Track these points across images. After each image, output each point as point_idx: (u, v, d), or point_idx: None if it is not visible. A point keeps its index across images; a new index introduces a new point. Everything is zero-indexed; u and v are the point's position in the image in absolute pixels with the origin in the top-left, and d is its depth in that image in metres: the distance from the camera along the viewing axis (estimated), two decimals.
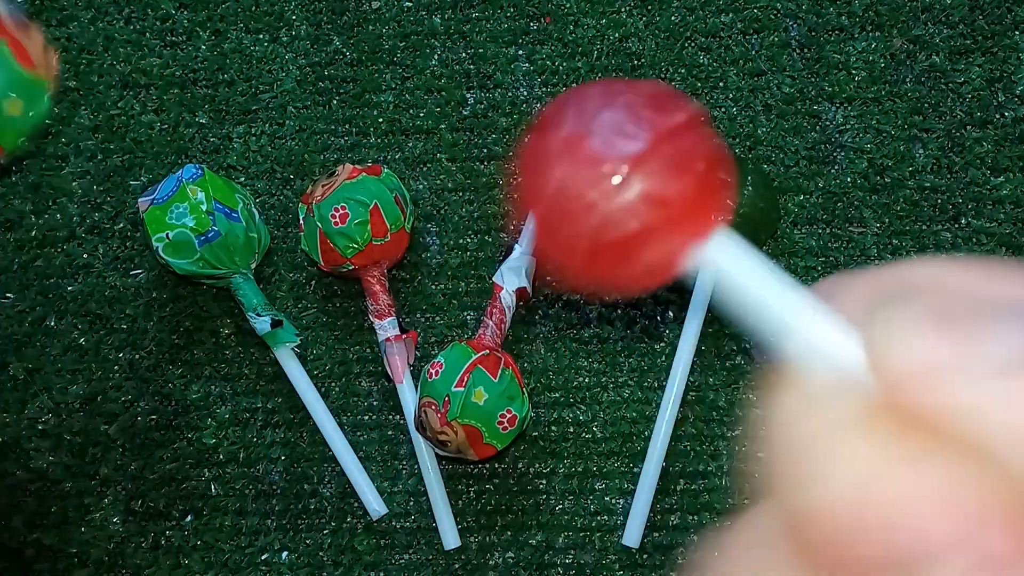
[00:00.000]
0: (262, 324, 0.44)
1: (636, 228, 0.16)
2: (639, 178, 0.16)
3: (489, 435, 0.40)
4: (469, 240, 0.47)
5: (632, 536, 0.42)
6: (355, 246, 0.43)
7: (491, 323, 0.44)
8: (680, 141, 0.17)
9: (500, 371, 0.41)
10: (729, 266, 0.17)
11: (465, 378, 0.40)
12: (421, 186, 0.48)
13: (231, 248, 0.43)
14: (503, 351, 0.43)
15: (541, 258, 0.18)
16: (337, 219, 0.43)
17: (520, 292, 0.44)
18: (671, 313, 0.46)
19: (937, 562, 0.12)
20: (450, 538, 0.43)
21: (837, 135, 0.48)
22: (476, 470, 0.44)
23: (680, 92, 0.18)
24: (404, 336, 0.44)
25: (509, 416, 0.40)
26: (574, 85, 0.49)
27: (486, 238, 0.47)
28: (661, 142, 0.17)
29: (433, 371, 0.41)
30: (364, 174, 0.44)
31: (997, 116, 0.48)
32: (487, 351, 0.42)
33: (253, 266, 0.45)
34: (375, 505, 0.43)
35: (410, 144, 0.49)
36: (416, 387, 0.43)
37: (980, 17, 0.49)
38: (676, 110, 0.17)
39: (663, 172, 0.16)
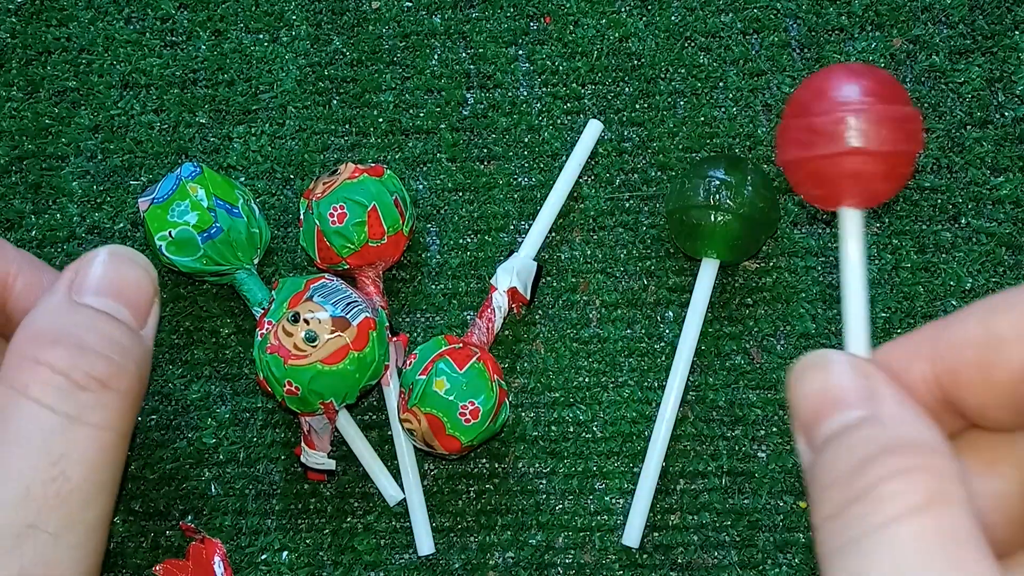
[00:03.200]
0: None
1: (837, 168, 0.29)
2: (860, 137, 0.28)
3: (452, 426, 0.40)
4: (469, 240, 0.47)
5: (632, 536, 0.42)
6: (351, 246, 0.43)
7: (480, 322, 0.44)
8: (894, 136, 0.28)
9: (469, 364, 0.41)
10: (845, 232, 0.29)
11: (429, 367, 0.40)
12: (421, 186, 0.48)
13: (234, 244, 0.43)
14: (486, 351, 0.42)
15: (783, 155, 0.31)
16: (335, 218, 0.43)
17: (512, 292, 0.44)
18: (671, 313, 0.46)
19: None
20: (424, 544, 0.43)
21: None
22: (476, 470, 0.44)
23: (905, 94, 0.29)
24: (395, 339, 0.44)
25: (471, 408, 0.40)
26: (573, 85, 0.49)
27: (486, 238, 0.47)
28: (879, 157, 0.28)
29: (408, 361, 0.42)
30: (366, 175, 0.44)
31: (997, 116, 0.48)
32: (460, 344, 0.42)
33: (256, 261, 0.45)
34: (391, 491, 0.43)
35: (410, 144, 0.49)
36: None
37: (980, 17, 0.49)
38: (906, 141, 0.29)
39: (877, 146, 0.28)
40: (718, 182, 0.43)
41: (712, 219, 0.43)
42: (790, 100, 0.31)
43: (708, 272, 0.44)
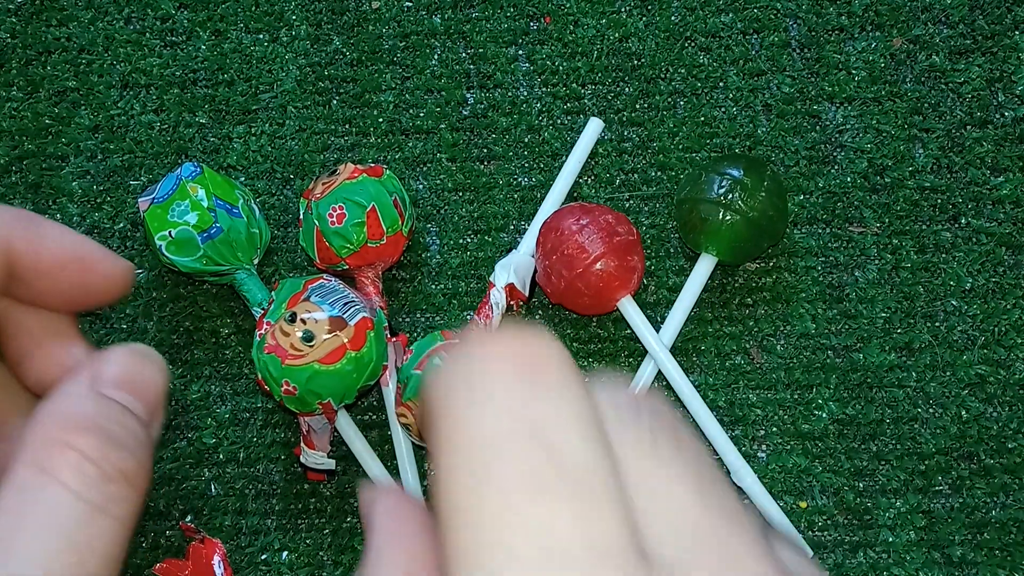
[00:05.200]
0: None
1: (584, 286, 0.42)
2: (601, 263, 0.41)
3: None
4: (469, 240, 0.47)
5: None
6: (350, 247, 0.43)
7: (478, 319, 0.44)
8: (616, 254, 0.42)
9: None
10: (630, 317, 0.42)
11: (424, 362, 0.40)
12: (421, 186, 0.48)
13: (234, 244, 0.43)
14: None
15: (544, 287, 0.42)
16: (334, 219, 0.43)
17: (510, 289, 0.44)
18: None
19: None
20: None
21: (837, 135, 0.48)
22: None
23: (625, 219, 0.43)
24: (394, 339, 0.44)
25: None
26: (573, 85, 0.49)
27: (486, 238, 0.47)
28: (607, 254, 0.41)
29: (404, 357, 0.42)
30: (365, 175, 0.44)
31: (997, 116, 0.48)
32: (457, 340, 0.42)
33: (256, 261, 0.45)
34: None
35: (410, 144, 0.49)
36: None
37: (980, 17, 0.49)
38: (622, 233, 0.42)
39: (608, 269, 0.42)
40: (733, 181, 0.42)
41: (719, 217, 0.42)
42: (539, 249, 0.43)
43: (704, 266, 0.44)
